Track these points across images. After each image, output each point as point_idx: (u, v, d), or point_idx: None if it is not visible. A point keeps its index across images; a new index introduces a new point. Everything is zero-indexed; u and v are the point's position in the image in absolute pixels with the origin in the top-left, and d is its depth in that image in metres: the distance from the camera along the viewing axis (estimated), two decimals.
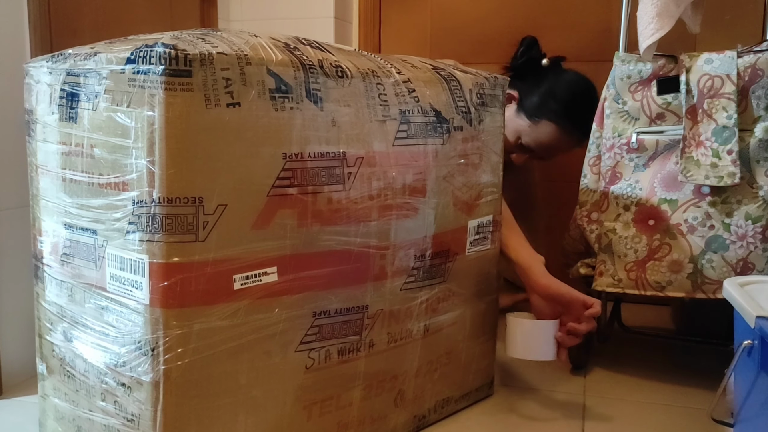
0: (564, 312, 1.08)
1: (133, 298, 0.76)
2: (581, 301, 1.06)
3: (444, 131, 0.96)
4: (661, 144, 1.19)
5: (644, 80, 1.20)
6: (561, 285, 1.08)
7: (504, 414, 1.10)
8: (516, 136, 1.44)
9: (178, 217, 0.72)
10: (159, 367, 0.74)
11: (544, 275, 1.09)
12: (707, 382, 1.21)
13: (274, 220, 0.79)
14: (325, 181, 0.82)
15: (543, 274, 1.09)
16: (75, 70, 0.79)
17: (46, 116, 0.85)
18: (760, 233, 1.11)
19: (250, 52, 0.76)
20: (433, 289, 0.99)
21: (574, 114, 1.39)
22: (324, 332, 0.86)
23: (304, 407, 0.86)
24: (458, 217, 1.02)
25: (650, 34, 1.14)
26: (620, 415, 1.10)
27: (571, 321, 1.07)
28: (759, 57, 1.12)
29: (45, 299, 0.90)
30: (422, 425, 1.04)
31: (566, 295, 1.07)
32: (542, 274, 1.09)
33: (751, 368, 0.84)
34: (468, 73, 1.04)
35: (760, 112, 1.13)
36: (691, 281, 1.15)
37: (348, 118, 0.84)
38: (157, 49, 0.70)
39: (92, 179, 0.79)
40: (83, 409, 0.85)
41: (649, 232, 1.18)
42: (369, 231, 0.88)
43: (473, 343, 1.10)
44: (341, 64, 0.84)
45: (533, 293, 1.10)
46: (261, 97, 0.76)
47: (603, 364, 1.32)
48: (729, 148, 1.12)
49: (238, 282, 0.77)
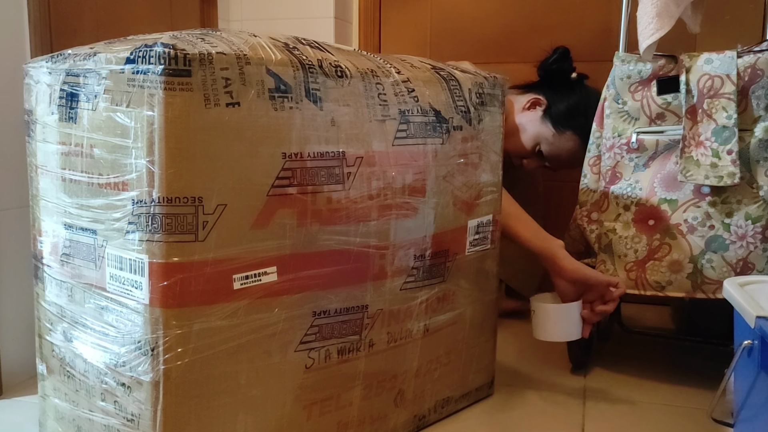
0: (586, 291, 1.14)
1: (132, 298, 0.76)
2: (607, 282, 1.13)
3: (443, 131, 0.96)
4: (661, 144, 1.19)
5: (644, 80, 1.20)
6: (586, 268, 1.14)
7: (504, 414, 1.10)
8: (536, 142, 1.45)
9: (177, 217, 0.72)
10: (159, 367, 0.74)
11: (569, 260, 1.14)
12: (707, 382, 1.21)
13: (274, 220, 0.79)
14: (325, 181, 0.82)
15: (568, 259, 1.14)
16: (74, 70, 0.79)
17: (45, 116, 0.85)
18: (759, 233, 1.11)
19: (250, 51, 0.76)
20: (432, 289, 0.99)
21: None
22: (324, 332, 0.86)
23: (304, 407, 0.86)
24: (458, 217, 1.02)
25: (650, 34, 1.14)
26: (620, 415, 1.10)
27: (593, 299, 1.14)
28: (759, 57, 1.12)
29: (45, 299, 0.90)
30: (422, 425, 1.04)
31: (592, 278, 1.13)
32: (567, 259, 1.14)
33: (751, 368, 0.84)
34: (467, 73, 1.04)
35: (760, 112, 1.12)
36: (691, 281, 1.15)
37: (347, 118, 0.84)
38: (157, 48, 0.70)
39: (92, 179, 0.79)
40: (83, 409, 0.85)
41: (649, 232, 1.18)
42: (369, 231, 0.88)
43: (473, 343, 1.10)
44: (341, 64, 0.84)
45: (559, 278, 1.15)
46: (260, 97, 0.76)
47: (603, 364, 1.32)
48: (729, 148, 1.12)
49: (237, 282, 0.77)
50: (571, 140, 1.41)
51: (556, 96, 1.44)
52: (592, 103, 1.39)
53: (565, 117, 1.42)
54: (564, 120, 1.42)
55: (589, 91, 1.44)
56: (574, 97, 1.43)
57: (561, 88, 1.45)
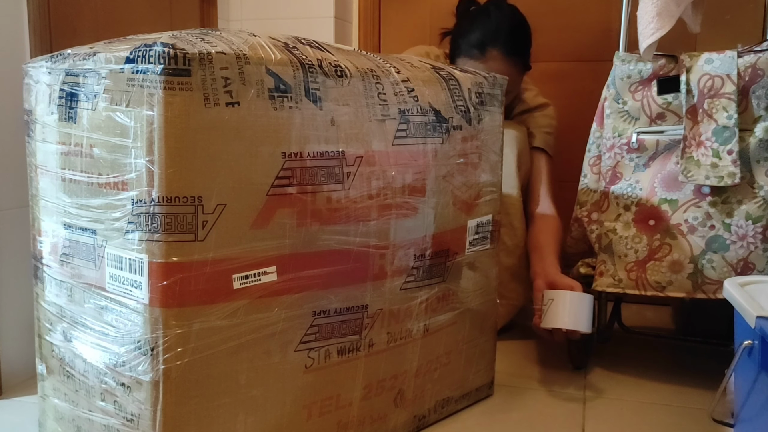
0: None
1: (132, 298, 0.76)
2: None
3: (443, 130, 0.96)
4: (661, 144, 1.19)
5: (644, 80, 1.20)
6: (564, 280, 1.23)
7: (504, 414, 1.10)
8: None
9: (177, 217, 0.72)
10: (158, 367, 0.74)
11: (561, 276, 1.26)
12: (707, 382, 1.21)
13: (274, 220, 0.79)
14: (325, 181, 0.82)
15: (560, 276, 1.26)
16: (74, 70, 0.79)
17: (45, 116, 0.85)
18: (760, 233, 1.11)
19: (249, 51, 0.76)
20: (432, 289, 0.99)
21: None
22: (323, 332, 0.86)
23: (304, 407, 0.86)
24: (458, 217, 1.02)
25: (650, 34, 1.14)
26: (620, 415, 1.10)
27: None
28: (759, 57, 1.12)
29: (44, 299, 0.90)
30: (422, 425, 1.04)
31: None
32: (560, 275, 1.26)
33: (752, 368, 0.84)
34: (467, 73, 1.04)
35: (760, 112, 1.12)
36: (692, 281, 1.15)
37: (347, 118, 0.84)
38: (156, 48, 0.70)
39: (91, 179, 0.79)
40: (83, 409, 0.85)
41: (649, 232, 1.18)
42: (368, 230, 0.88)
43: (473, 343, 1.10)
44: (340, 64, 0.84)
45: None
46: (260, 97, 0.76)
47: (603, 364, 1.32)
48: (729, 148, 1.12)
49: (237, 281, 0.77)
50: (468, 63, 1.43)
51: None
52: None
53: (453, 49, 1.47)
54: (453, 52, 1.46)
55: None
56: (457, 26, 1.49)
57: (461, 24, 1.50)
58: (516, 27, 1.44)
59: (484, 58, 1.41)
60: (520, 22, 1.45)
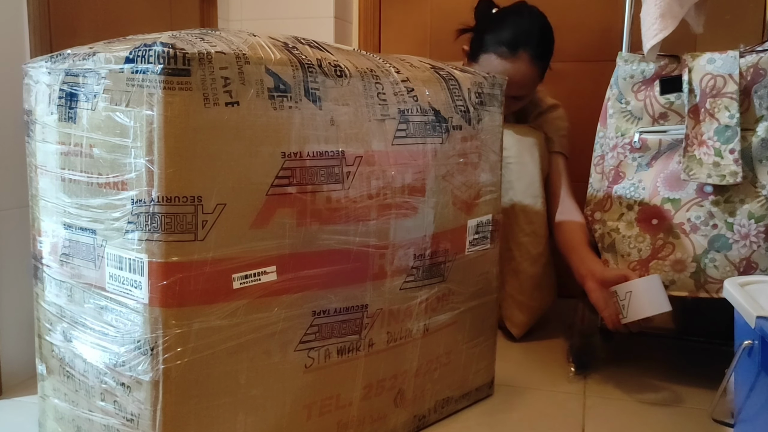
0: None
1: (132, 298, 0.76)
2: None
3: (443, 130, 0.96)
4: (664, 143, 1.19)
5: (647, 80, 1.20)
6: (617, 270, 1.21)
7: (504, 414, 1.10)
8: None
9: (177, 216, 0.72)
10: (158, 367, 0.74)
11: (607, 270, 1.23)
12: (707, 382, 1.21)
13: (273, 219, 0.78)
14: (324, 180, 0.82)
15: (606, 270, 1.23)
16: (74, 70, 0.79)
17: (45, 116, 0.85)
18: (763, 232, 1.11)
19: (249, 51, 0.76)
20: (432, 289, 0.99)
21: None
22: (323, 331, 0.86)
23: (304, 407, 0.86)
24: (458, 217, 1.02)
25: (654, 35, 1.14)
26: (620, 415, 1.10)
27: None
28: (761, 57, 1.11)
29: (44, 299, 0.90)
30: (422, 425, 1.04)
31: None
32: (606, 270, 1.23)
33: (752, 368, 0.83)
34: (466, 73, 1.03)
35: (762, 111, 1.12)
36: (694, 280, 1.15)
37: (347, 117, 0.84)
38: (156, 48, 0.70)
39: (91, 179, 0.79)
40: (83, 409, 0.85)
41: (652, 231, 1.18)
42: (368, 230, 0.88)
43: (473, 343, 1.10)
44: (340, 64, 0.84)
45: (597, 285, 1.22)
46: (260, 96, 0.75)
47: (603, 364, 1.32)
48: (731, 147, 1.11)
49: (237, 281, 0.77)
50: (493, 62, 1.41)
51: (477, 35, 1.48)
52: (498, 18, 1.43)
53: (477, 45, 1.44)
54: (477, 48, 1.44)
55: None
56: (481, 27, 1.47)
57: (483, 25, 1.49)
58: (547, 33, 1.43)
59: (513, 57, 1.39)
60: (550, 29, 1.44)
